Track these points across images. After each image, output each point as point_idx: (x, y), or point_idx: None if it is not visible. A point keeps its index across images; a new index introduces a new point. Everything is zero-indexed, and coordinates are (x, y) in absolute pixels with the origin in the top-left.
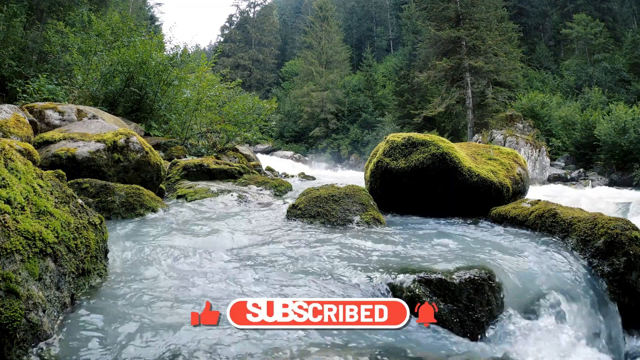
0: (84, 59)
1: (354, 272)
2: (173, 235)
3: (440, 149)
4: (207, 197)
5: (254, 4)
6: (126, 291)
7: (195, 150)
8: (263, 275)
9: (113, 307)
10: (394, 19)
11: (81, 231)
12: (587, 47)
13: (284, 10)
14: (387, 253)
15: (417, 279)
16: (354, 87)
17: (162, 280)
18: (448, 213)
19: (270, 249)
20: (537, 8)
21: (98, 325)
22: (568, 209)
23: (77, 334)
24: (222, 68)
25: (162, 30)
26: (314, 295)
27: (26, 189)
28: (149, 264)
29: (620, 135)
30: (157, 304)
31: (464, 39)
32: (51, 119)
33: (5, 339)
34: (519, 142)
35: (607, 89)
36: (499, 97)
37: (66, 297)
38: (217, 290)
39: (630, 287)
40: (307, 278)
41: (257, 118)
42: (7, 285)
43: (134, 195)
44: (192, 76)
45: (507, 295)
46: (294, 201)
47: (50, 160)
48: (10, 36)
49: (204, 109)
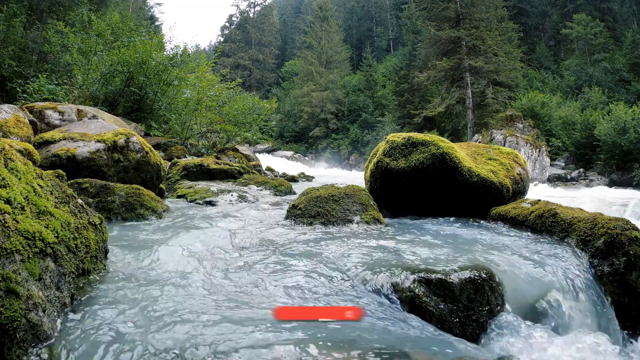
0: (84, 59)
1: (354, 273)
2: (173, 235)
3: (440, 149)
4: (207, 197)
5: (254, 4)
6: (126, 291)
7: (195, 150)
8: (261, 275)
9: (113, 307)
10: (394, 19)
11: (81, 231)
12: (587, 47)
13: (284, 10)
14: (387, 253)
15: (417, 279)
16: (354, 87)
17: (162, 280)
18: (448, 213)
19: (269, 248)
20: (537, 8)
21: (98, 325)
22: (568, 209)
23: (77, 334)
24: (222, 68)
25: (162, 30)
26: (314, 295)
27: (26, 189)
28: (149, 264)
29: (620, 135)
30: (157, 303)
31: (464, 39)
32: (51, 119)
33: (5, 339)
34: (519, 142)
35: (607, 89)
36: (499, 97)
37: (66, 297)
38: (217, 290)
39: (630, 287)
40: (307, 278)
41: (257, 118)
42: (7, 285)
43: (134, 195)
44: (192, 76)
45: (507, 295)
46: (294, 201)
47: (50, 160)
48: (10, 36)
49: (204, 109)
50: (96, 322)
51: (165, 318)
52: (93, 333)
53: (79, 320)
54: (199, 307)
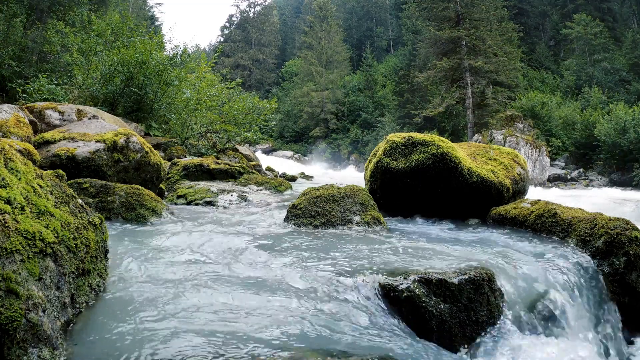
0: (84, 59)
1: (354, 273)
2: (173, 235)
3: (440, 148)
4: (207, 197)
5: (254, 4)
6: (126, 291)
7: (195, 150)
8: (259, 275)
9: (113, 307)
10: (394, 19)
11: (81, 231)
12: (587, 47)
13: (284, 10)
14: (386, 253)
15: (417, 279)
16: (354, 87)
17: (161, 280)
18: (448, 213)
19: (269, 249)
20: (537, 8)
21: (98, 324)
22: (568, 209)
23: (77, 333)
24: (222, 68)
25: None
26: (314, 294)
27: (26, 189)
28: (149, 264)
29: (620, 135)
30: (156, 303)
31: (464, 39)
32: (51, 119)
33: (5, 339)
34: (519, 142)
35: (607, 89)
36: (499, 97)
37: (66, 297)
38: (217, 291)
39: (630, 287)
40: (307, 278)
41: (257, 118)
42: (7, 285)
43: (134, 195)
44: (192, 76)
45: (507, 295)
46: (294, 201)
47: (50, 160)
48: (10, 36)
49: (204, 109)
50: (96, 321)
51: (165, 317)
52: (93, 332)
53: (79, 320)
54: (198, 307)
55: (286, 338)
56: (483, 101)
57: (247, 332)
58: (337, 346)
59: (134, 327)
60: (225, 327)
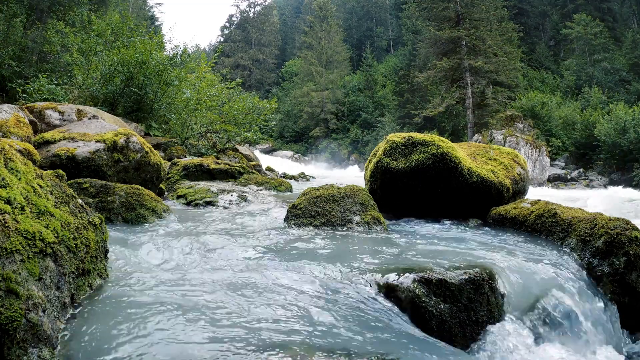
0: (84, 59)
1: (354, 273)
2: (172, 235)
3: (440, 148)
4: (207, 197)
5: (254, 4)
6: (126, 291)
7: (195, 150)
8: (260, 275)
9: (113, 307)
10: (394, 19)
11: (81, 231)
12: (587, 47)
13: (284, 10)
14: (387, 253)
15: (417, 278)
16: (354, 87)
17: (162, 280)
18: (448, 213)
19: (269, 249)
20: (537, 8)
21: (98, 324)
22: (568, 209)
23: (77, 333)
24: (222, 68)
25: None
26: (314, 295)
27: (26, 189)
28: (149, 264)
29: (620, 135)
30: (156, 303)
31: (464, 39)
32: (51, 119)
33: (5, 339)
34: (519, 142)
35: (607, 89)
36: (499, 97)
37: (66, 297)
38: (218, 291)
39: (630, 287)
40: (307, 278)
41: (257, 118)
42: (7, 285)
43: (134, 195)
44: (192, 76)
45: (507, 295)
46: (294, 201)
47: (50, 160)
48: (10, 36)
49: (204, 109)
50: (96, 321)
51: (164, 317)
52: (93, 332)
53: (79, 320)
54: (199, 307)
55: (287, 337)
56: (483, 101)
57: (249, 331)
58: (338, 345)
59: (134, 327)
60: (226, 326)
